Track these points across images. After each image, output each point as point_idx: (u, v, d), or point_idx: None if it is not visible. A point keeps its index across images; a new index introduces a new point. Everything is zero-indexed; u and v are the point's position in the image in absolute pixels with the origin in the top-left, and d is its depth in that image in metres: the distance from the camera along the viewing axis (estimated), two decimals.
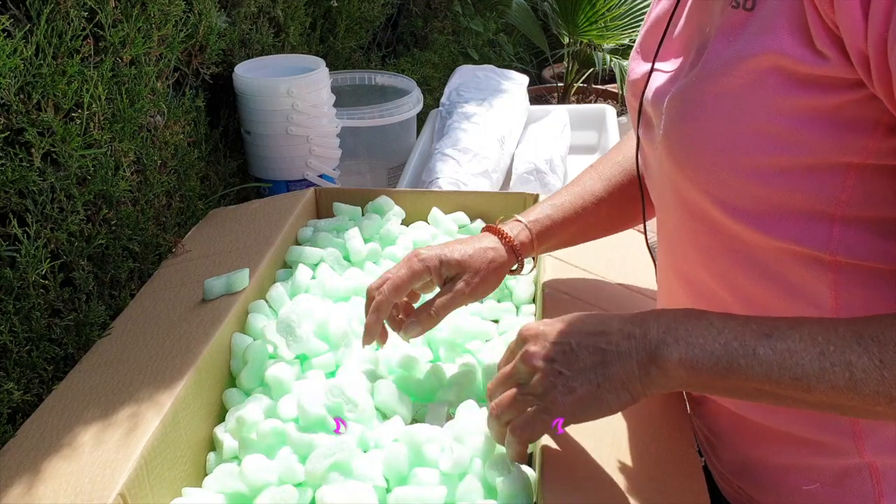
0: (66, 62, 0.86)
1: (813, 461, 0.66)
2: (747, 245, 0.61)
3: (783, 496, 0.69)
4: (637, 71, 0.73)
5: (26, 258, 0.84)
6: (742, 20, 0.57)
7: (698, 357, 0.55)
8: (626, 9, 2.76)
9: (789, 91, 0.54)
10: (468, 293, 0.79)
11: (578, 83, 3.04)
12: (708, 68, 0.59)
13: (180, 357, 0.80)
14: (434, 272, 0.79)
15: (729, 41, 0.58)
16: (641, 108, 0.71)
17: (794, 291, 0.61)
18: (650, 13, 0.75)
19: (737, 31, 0.58)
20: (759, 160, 0.57)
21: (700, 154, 0.60)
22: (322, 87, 1.33)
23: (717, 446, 0.74)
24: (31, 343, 0.86)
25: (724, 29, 0.59)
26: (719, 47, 0.59)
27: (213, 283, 0.91)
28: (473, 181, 1.47)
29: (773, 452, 0.68)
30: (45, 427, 0.72)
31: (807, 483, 0.66)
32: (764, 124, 0.56)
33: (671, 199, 0.67)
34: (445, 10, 2.56)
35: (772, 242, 0.60)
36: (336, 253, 1.04)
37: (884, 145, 0.53)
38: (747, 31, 0.57)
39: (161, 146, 1.10)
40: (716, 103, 0.58)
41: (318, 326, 0.86)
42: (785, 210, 0.58)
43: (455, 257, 0.80)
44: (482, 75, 1.88)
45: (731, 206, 0.60)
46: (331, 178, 1.40)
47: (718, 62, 0.59)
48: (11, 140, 0.83)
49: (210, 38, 1.20)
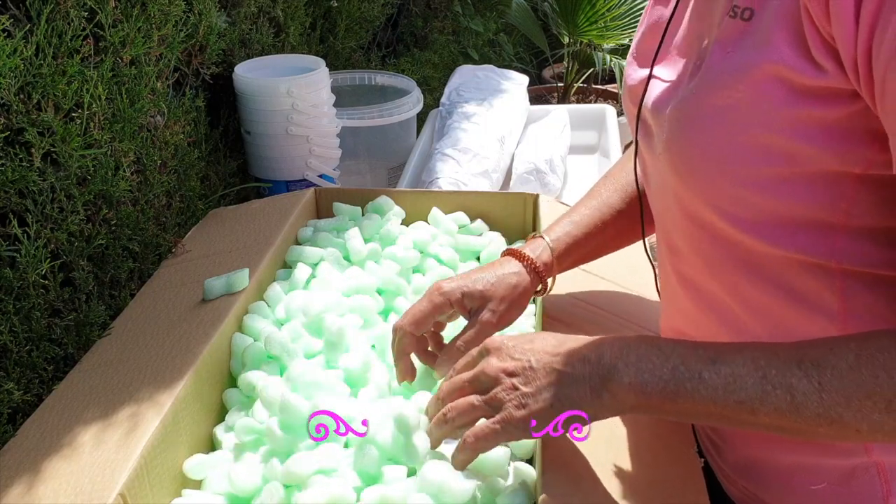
0: (66, 62, 0.87)
1: (820, 461, 0.65)
2: (752, 254, 0.61)
3: (790, 496, 0.68)
4: (634, 77, 0.72)
5: (26, 258, 0.84)
6: (740, 31, 0.57)
7: (647, 381, 0.57)
8: (626, 9, 2.77)
9: (789, 103, 0.54)
10: (495, 323, 0.78)
11: (578, 83, 3.04)
12: (708, 80, 0.59)
13: (180, 357, 0.80)
14: (457, 305, 0.78)
15: (727, 52, 0.58)
16: (640, 114, 0.71)
17: (800, 299, 0.60)
18: (644, 17, 0.75)
19: (735, 42, 0.58)
20: (761, 171, 0.57)
21: (702, 166, 0.60)
22: (322, 87, 1.33)
23: (723, 447, 0.74)
24: (31, 343, 0.86)
25: (722, 40, 0.59)
26: (718, 58, 0.59)
27: (213, 283, 0.91)
28: (473, 181, 1.47)
29: (780, 452, 0.68)
30: (45, 427, 0.72)
31: (814, 483, 0.66)
32: (764, 136, 0.56)
33: (674, 208, 0.67)
34: (445, 10, 2.56)
35: (776, 252, 0.60)
36: (336, 253, 1.04)
37: (880, 157, 0.53)
38: (745, 42, 0.57)
39: (161, 146, 1.10)
40: (716, 116, 0.58)
41: (312, 321, 0.86)
42: (788, 220, 0.58)
43: (478, 288, 0.78)
44: (482, 75, 1.88)
45: (735, 216, 0.60)
46: (331, 178, 1.40)
47: (717, 74, 0.58)
48: (11, 140, 0.83)
49: (210, 38, 1.20)
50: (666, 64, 0.67)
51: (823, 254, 0.58)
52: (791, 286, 0.60)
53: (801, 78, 0.53)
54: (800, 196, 0.57)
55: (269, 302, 0.95)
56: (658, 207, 0.73)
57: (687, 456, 0.69)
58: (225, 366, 0.86)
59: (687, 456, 0.69)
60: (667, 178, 0.66)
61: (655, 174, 0.70)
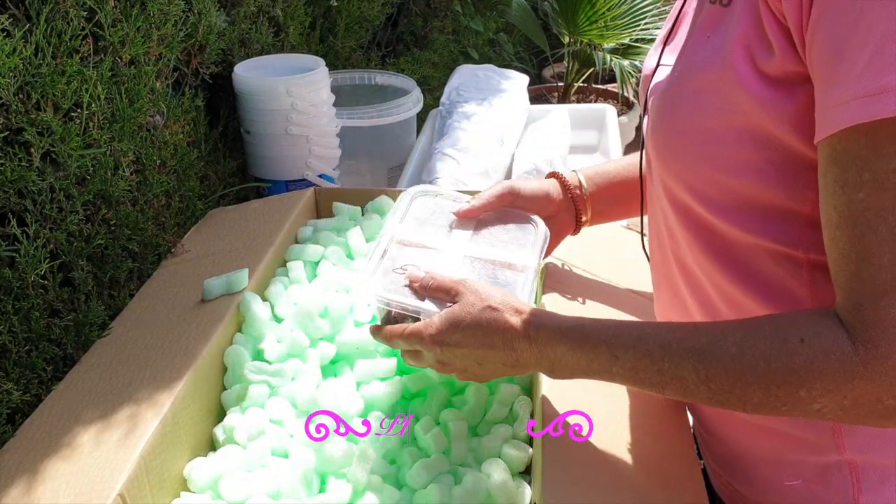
0: (66, 62, 0.86)
1: (795, 457, 0.66)
2: (725, 241, 0.63)
3: (767, 491, 0.69)
4: (648, 66, 0.74)
5: (25, 258, 0.83)
6: (718, 15, 0.59)
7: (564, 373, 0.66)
8: (626, 8, 2.76)
9: (757, 86, 0.55)
10: None
11: (578, 83, 3.04)
12: (688, 65, 0.61)
13: (180, 357, 0.80)
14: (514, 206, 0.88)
15: (707, 37, 0.60)
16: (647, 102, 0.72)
17: (770, 289, 0.62)
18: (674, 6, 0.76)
19: (713, 27, 0.59)
20: (734, 155, 0.59)
21: (680, 150, 0.63)
22: (322, 87, 1.33)
23: (709, 441, 0.75)
24: (31, 343, 0.86)
25: (703, 25, 0.61)
26: (698, 43, 0.61)
27: (213, 283, 0.91)
28: (473, 181, 1.47)
29: (758, 448, 0.69)
30: (45, 427, 0.72)
31: (789, 479, 0.67)
32: (737, 120, 0.57)
33: (660, 191, 0.69)
34: (445, 9, 2.56)
35: (748, 239, 0.61)
36: (338, 251, 1.04)
37: None
38: (722, 26, 0.58)
39: (160, 146, 1.09)
40: (693, 99, 0.60)
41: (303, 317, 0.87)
42: (759, 206, 0.59)
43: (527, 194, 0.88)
44: (482, 75, 1.88)
45: (710, 199, 0.62)
46: (330, 177, 1.40)
47: (695, 58, 0.60)
48: (11, 140, 0.83)
49: (209, 37, 1.20)
50: (672, 52, 0.69)
51: (792, 242, 0.59)
52: (761, 274, 0.62)
53: (760, 61, 0.55)
54: (771, 183, 0.58)
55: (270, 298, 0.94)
56: (650, 194, 0.74)
57: (687, 456, 0.69)
58: (224, 366, 0.86)
59: (687, 456, 0.69)
60: (652, 163, 0.69)
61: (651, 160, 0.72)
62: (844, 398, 0.51)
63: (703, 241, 0.65)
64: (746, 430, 0.69)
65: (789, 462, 0.67)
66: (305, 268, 1.00)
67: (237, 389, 0.83)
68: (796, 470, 0.67)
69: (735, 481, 0.73)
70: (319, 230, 1.09)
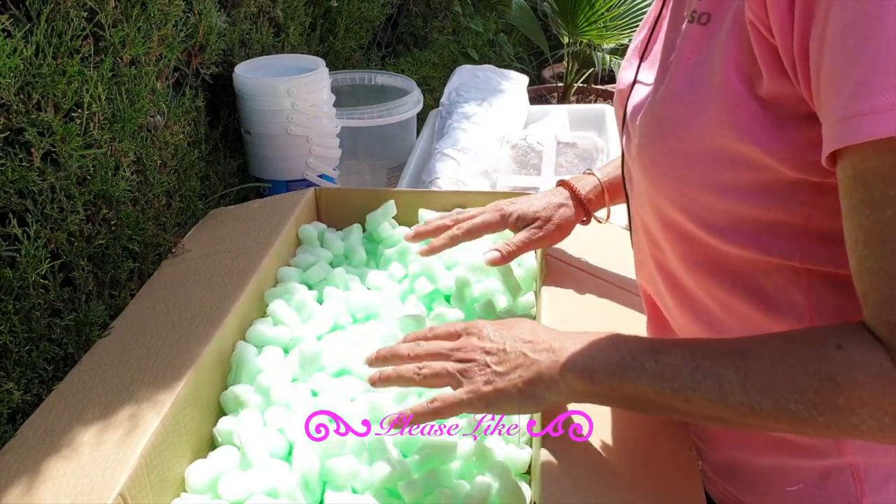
0: (66, 62, 0.86)
1: (796, 462, 0.66)
2: (722, 256, 0.62)
3: (768, 497, 0.69)
4: (624, 80, 0.73)
5: (26, 258, 0.84)
6: (698, 36, 0.58)
7: (595, 369, 0.61)
8: (625, 9, 2.76)
9: (742, 108, 0.55)
10: (541, 236, 0.92)
11: (578, 83, 3.04)
12: (672, 86, 0.60)
13: (180, 357, 0.80)
14: (511, 225, 0.93)
15: (688, 58, 0.59)
16: (626, 118, 0.71)
17: (770, 300, 0.61)
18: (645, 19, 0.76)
19: (694, 47, 0.59)
20: (723, 177, 0.58)
21: (670, 173, 0.62)
22: (322, 87, 1.33)
23: (704, 449, 0.75)
24: (31, 343, 0.86)
25: (683, 45, 0.60)
26: (680, 65, 0.60)
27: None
28: (473, 181, 1.47)
29: (758, 454, 0.68)
30: (45, 427, 0.72)
31: (791, 484, 0.66)
32: (724, 142, 0.57)
33: (650, 211, 0.69)
34: (445, 9, 2.56)
35: (744, 254, 0.61)
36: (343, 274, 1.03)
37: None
38: (703, 47, 0.58)
39: (161, 146, 1.10)
40: (680, 122, 0.60)
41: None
42: (753, 223, 0.59)
43: (531, 212, 0.93)
44: (482, 75, 1.88)
45: (703, 220, 0.62)
46: (331, 178, 1.40)
47: (679, 80, 0.60)
48: (11, 140, 0.83)
49: (210, 38, 1.20)
50: (649, 68, 0.68)
51: (789, 255, 0.59)
52: (760, 288, 0.61)
53: (750, 85, 0.54)
54: (763, 201, 0.58)
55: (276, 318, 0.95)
56: (637, 209, 0.74)
57: (686, 458, 0.69)
58: (225, 366, 0.86)
59: (686, 458, 0.69)
60: (641, 183, 0.68)
61: (635, 177, 0.71)
62: (885, 413, 0.49)
63: (695, 255, 0.65)
64: (745, 437, 0.69)
65: (790, 467, 0.67)
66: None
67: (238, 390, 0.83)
68: (798, 474, 0.66)
69: (734, 488, 0.72)
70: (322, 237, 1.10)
